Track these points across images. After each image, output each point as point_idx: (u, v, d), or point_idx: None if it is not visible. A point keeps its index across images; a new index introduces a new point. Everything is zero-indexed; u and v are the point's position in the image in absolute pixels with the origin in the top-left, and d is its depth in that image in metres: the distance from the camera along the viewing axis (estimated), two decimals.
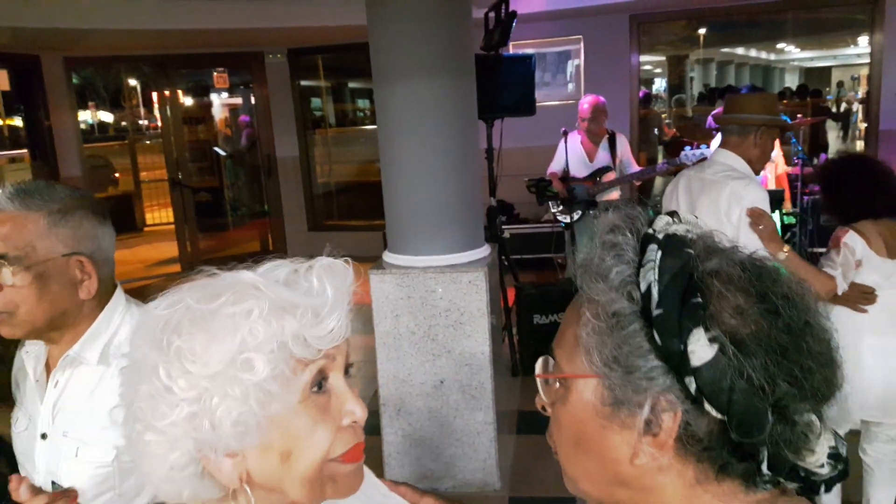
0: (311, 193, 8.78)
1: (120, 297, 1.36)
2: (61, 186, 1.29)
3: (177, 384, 0.70)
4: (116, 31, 6.24)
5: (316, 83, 9.58)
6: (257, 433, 0.72)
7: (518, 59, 4.44)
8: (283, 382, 0.72)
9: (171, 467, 0.72)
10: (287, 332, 0.72)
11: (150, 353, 0.72)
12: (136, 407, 0.73)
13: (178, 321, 0.72)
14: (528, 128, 5.54)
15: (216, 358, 0.70)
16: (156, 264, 8.87)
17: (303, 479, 0.75)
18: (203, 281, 0.77)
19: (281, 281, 0.76)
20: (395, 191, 3.19)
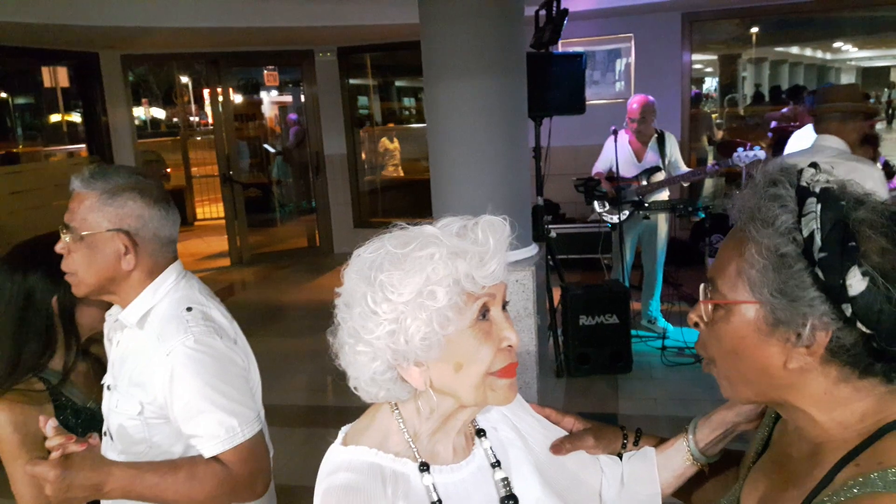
0: (358, 190, 8.86)
1: (170, 274, 1.49)
2: (125, 171, 1.45)
3: (380, 308, 0.92)
4: (172, 30, 6.39)
5: (364, 81, 9.66)
6: (438, 348, 0.93)
7: (568, 57, 4.41)
8: (457, 310, 0.92)
9: (374, 372, 0.95)
10: (460, 271, 0.91)
11: (360, 284, 0.94)
12: (349, 325, 0.95)
13: (381, 261, 0.93)
14: (575, 127, 5.50)
15: (409, 289, 0.91)
16: (206, 258, 9.05)
17: (470, 386, 0.96)
18: (398, 231, 0.98)
19: (454, 232, 0.95)
20: (443, 187, 3.19)
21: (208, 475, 1.34)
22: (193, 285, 1.51)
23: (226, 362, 1.39)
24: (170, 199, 1.49)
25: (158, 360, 1.37)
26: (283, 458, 4.03)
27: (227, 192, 8.43)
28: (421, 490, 0.97)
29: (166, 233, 1.46)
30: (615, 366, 4.55)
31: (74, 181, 1.42)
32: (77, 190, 1.42)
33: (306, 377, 5.24)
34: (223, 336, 1.41)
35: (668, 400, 4.28)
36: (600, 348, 4.51)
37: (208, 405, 1.35)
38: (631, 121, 5.13)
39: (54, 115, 11.23)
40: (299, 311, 6.66)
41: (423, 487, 0.98)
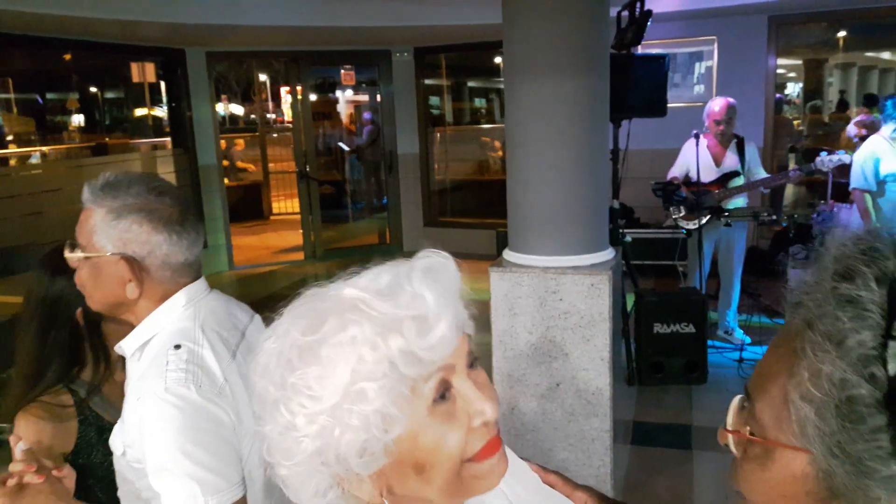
0: (429, 190, 8.92)
1: (179, 300, 1.33)
2: (138, 187, 1.28)
3: (297, 420, 0.69)
4: (255, 28, 6.56)
5: (438, 82, 9.71)
6: (386, 456, 0.70)
7: (651, 59, 4.32)
8: (403, 404, 0.69)
9: (315, 493, 0.72)
10: (394, 350, 0.68)
11: (269, 388, 0.71)
12: (268, 444, 0.72)
13: (289, 356, 0.70)
14: (653, 130, 5.38)
15: (330, 391, 0.68)
16: (281, 251, 9.26)
17: (441, 487, 0.73)
18: (310, 301, 0.75)
19: (384, 290, 0.72)
20: (519, 188, 3.16)
21: None
22: (201, 313, 1.33)
23: (198, 418, 1.19)
24: (185, 220, 1.31)
25: (131, 405, 1.23)
26: None
27: (302, 188, 8.61)
28: None
29: (179, 258, 1.30)
30: (690, 376, 4.43)
31: (85, 191, 1.29)
32: (85, 204, 1.29)
33: None
34: (201, 385, 1.21)
35: None
36: (675, 357, 4.40)
37: (171, 465, 1.17)
38: (716, 123, 4.99)
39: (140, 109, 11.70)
40: None
41: None
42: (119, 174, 1.31)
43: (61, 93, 11.23)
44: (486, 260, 3.33)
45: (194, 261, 1.34)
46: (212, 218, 8.10)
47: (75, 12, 5.29)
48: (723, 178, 4.99)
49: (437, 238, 8.56)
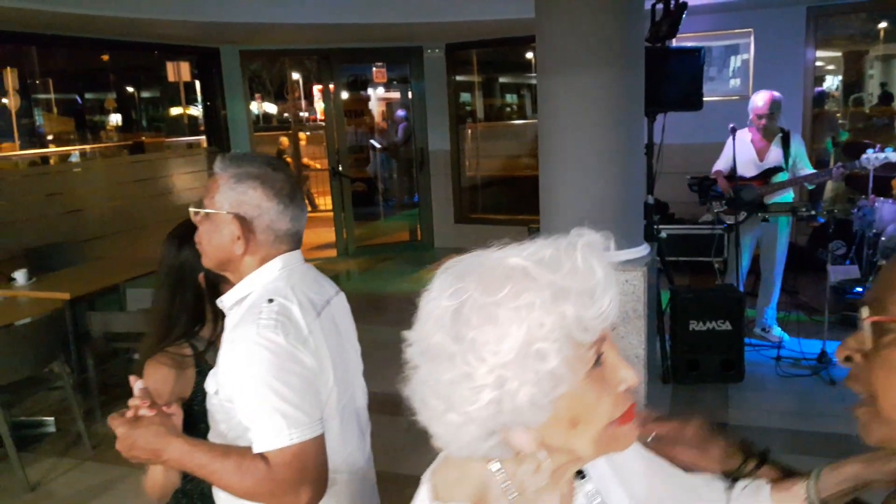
0: (460, 186, 8.91)
1: (276, 263, 1.48)
2: (259, 161, 1.49)
3: (477, 372, 0.76)
4: (288, 26, 6.62)
5: (469, 78, 9.70)
6: (550, 410, 0.78)
7: (686, 52, 4.26)
8: (570, 365, 0.77)
9: (472, 438, 0.80)
10: (568, 318, 0.75)
11: (445, 340, 0.78)
12: (433, 386, 0.80)
13: (468, 314, 0.77)
14: (688, 124, 5.31)
15: (508, 347, 0.75)
16: (314, 248, 9.33)
17: (590, 441, 0.82)
18: (475, 265, 0.81)
19: (546, 262, 0.78)
20: (552, 182, 3.15)
21: (250, 470, 1.31)
22: (293, 277, 1.48)
23: (285, 359, 1.33)
24: (295, 195, 1.50)
25: (227, 347, 1.39)
26: (384, 445, 4.11)
27: (335, 185, 8.67)
28: None
29: (282, 226, 1.47)
30: (726, 374, 4.36)
31: (216, 163, 1.49)
32: (215, 171, 1.49)
33: None
34: (289, 333, 1.35)
35: (781, 413, 4.07)
36: (711, 355, 4.33)
37: (260, 400, 1.31)
38: (758, 117, 4.88)
39: (176, 108, 11.88)
40: (401, 303, 6.66)
41: None
42: (242, 152, 1.54)
43: (99, 93, 11.46)
44: None
45: (294, 233, 1.50)
46: None
47: (112, 12, 5.38)
48: (766, 172, 4.90)
49: (467, 234, 8.68)
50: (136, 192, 7.00)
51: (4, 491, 3.72)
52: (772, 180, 4.88)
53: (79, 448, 4.10)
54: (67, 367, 4.35)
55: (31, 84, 9.89)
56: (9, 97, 9.17)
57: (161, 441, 1.35)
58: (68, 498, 3.63)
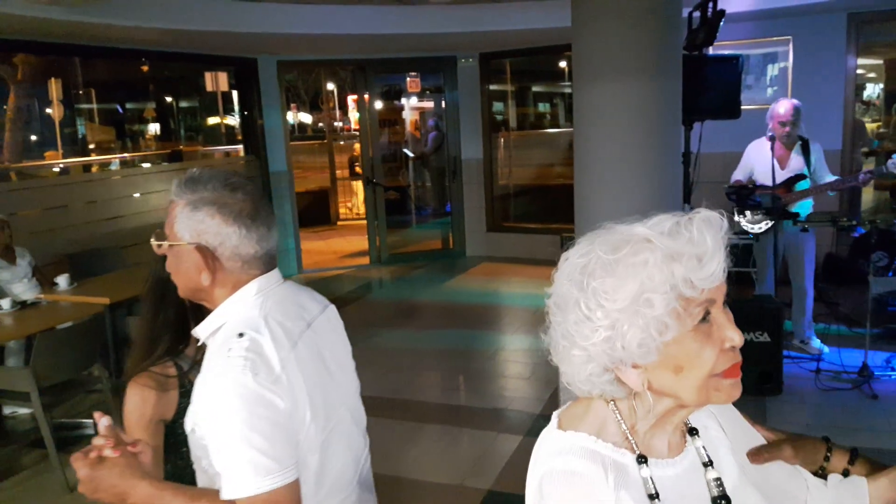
0: (492, 195, 8.91)
1: (250, 290, 1.39)
2: (215, 182, 1.37)
3: (595, 315, 0.91)
4: (324, 36, 6.69)
5: (502, 87, 9.71)
6: (656, 353, 0.91)
7: (724, 60, 4.22)
8: (676, 316, 0.89)
9: (590, 374, 0.95)
10: (677, 276, 0.88)
11: (572, 289, 0.93)
12: (563, 328, 0.95)
13: (592, 267, 0.92)
14: (725, 132, 5.25)
15: (623, 296, 0.89)
16: (347, 255, 9.40)
17: (692, 388, 0.93)
18: (607, 233, 0.95)
19: (666, 232, 0.91)
20: (588, 191, 3.13)
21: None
22: (268, 304, 1.39)
23: (255, 404, 1.24)
24: (257, 215, 1.38)
25: (199, 385, 1.31)
26: (414, 452, 4.13)
27: (368, 193, 8.73)
28: (638, 481, 0.96)
29: (249, 250, 1.37)
30: (764, 387, 4.28)
31: (173, 186, 1.39)
32: (171, 196, 1.39)
33: (439, 375, 5.31)
34: (258, 373, 1.26)
35: (821, 427, 3.97)
36: (748, 367, 4.18)
37: (228, 447, 1.24)
38: (781, 125, 4.82)
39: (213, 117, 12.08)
40: (433, 311, 6.77)
41: (641, 479, 0.96)
42: (202, 169, 1.40)
43: (139, 103, 11.70)
44: (550, 265, 3.29)
45: (264, 254, 1.40)
46: (282, 223, 8.28)
47: (154, 24, 5.50)
48: (788, 181, 4.83)
49: (500, 243, 8.64)
50: None
51: (45, 490, 3.80)
52: (795, 188, 4.82)
53: None
54: (106, 371, 4.43)
55: (74, 94, 10.13)
56: (53, 107, 9.41)
57: (126, 483, 1.27)
58: None
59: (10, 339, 4.40)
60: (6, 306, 4.42)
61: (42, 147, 9.96)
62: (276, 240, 1.44)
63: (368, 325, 6.26)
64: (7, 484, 3.88)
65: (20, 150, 9.56)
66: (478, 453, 3.91)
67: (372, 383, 5.04)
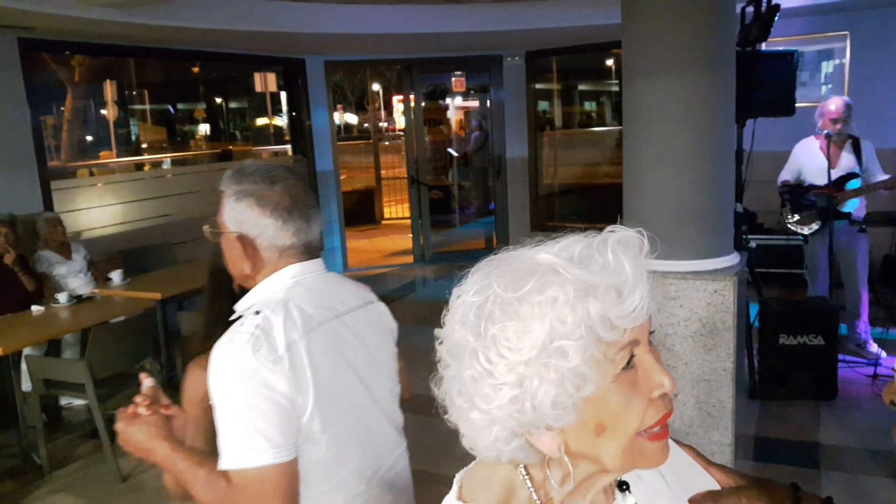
0: (537, 194, 8.86)
1: (285, 274, 1.44)
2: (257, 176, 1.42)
3: (497, 369, 0.74)
4: (371, 35, 6.73)
5: (548, 86, 9.64)
6: (574, 412, 0.74)
7: (778, 56, 4.11)
8: (595, 365, 0.73)
9: (496, 439, 0.77)
10: (593, 315, 0.72)
11: (467, 336, 0.76)
12: (459, 384, 0.78)
13: (490, 309, 0.75)
14: (778, 131, 5.12)
15: (529, 344, 0.72)
16: (391, 254, 9.46)
17: (616, 451, 0.77)
18: (504, 262, 0.79)
19: (575, 258, 0.75)
20: (638, 188, 3.08)
21: (214, 485, 1.28)
22: (296, 289, 1.43)
23: (251, 379, 1.27)
24: (294, 208, 1.43)
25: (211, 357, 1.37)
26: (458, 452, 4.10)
27: (413, 193, 8.76)
28: None
29: (285, 242, 1.43)
30: (818, 391, 4.16)
31: (222, 179, 1.46)
32: (220, 188, 1.46)
33: None
34: (259, 350, 1.29)
35: (878, 433, 3.84)
36: (801, 371, 4.14)
37: (224, 417, 1.28)
38: (832, 122, 4.70)
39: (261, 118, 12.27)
40: None
41: None
42: (250, 162, 1.47)
43: (190, 103, 11.95)
44: None
45: (302, 245, 1.45)
46: (328, 222, 8.37)
47: (205, 24, 5.60)
48: (839, 180, 4.69)
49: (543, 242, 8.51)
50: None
51: (98, 480, 3.90)
52: (846, 187, 4.68)
53: None
54: (157, 364, 4.53)
55: (128, 95, 10.39)
56: (108, 108, 9.66)
57: (150, 442, 1.35)
58: (156, 491, 3.77)
59: (66, 332, 4.53)
60: (63, 300, 4.56)
61: (97, 147, 10.23)
62: (317, 232, 1.47)
63: (412, 324, 6.25)
64: (63, 472, 3.99)
65: (76, 149, 9.85)
66: None
67: (414, 382, 5.04)
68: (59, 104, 9.17)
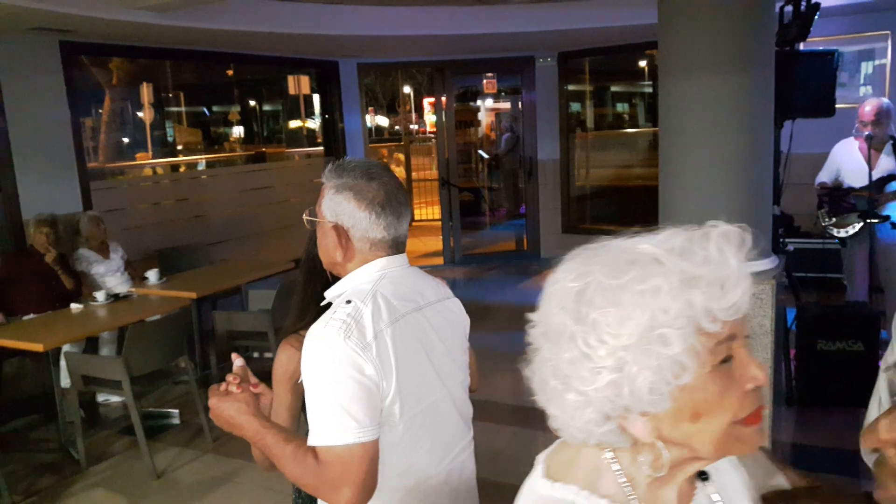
0: (569, 196, 8.81)
1: (371, 267, 1.52)
2: (357, 171, 1.51)
3: (596, 353, 0.76)
4: (405, 37, 6.76)
5: (580, 87, 9.59)
6: (670, 399, 0.76)
7: (818, 56, 4.03)
8: (694, 355, 0.74)
9: (588, 421, 0.79)
10: (696, 306, 0.74)
11: (566, 320, 0.78)
12: (554, 365, 0.80)
13: (591, 294, 0.77)
14: (815, 132, 5.03)
15: (629, 331, 0.74)
16: (422, 256, 9.47)
17: (711, 439, 0.79)
18: (604, 251, 0.81)
19: (677, 250, 0.77)
20: (674, 190, 3.04)
21: (301, 461, 1.36)
22: (383, 281, 1.50)
23: (342, 362, 1.35)
24: (387, 204, 1.50)
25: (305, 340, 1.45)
26: (490, 453, 4.10)
27: (444, 195, 8.77)
28: None
29: (376, 235, 1.50)
30: (858, 398, 4.06)
31: (325, 171, 1.55)
32: (322, 179, 1.55)
33: (512, 377, 5.26)
34: (350, 336, 1.37)
35: None
36: (840, 377, 4.05)
37: (314, 396, 1.36)
38: (864, 124, 4.62)
39: (294, 120, 12.38)
40: (506, 312, 6.72)
41: None
42: (351, 158, 1.56)
43: (224, 106, 12.11)
44: None
45: (391, 239, 1.53)
46: None
47: (240, 26, 5.67)
48: (878, 182, 4.60)
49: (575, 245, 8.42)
50: (257, 199, 7.34)
51: (133, 476, 3.96)
52: (885, 189, 4.58)
53: (201, 440, 4.32)
54: (192, 363, 4.60)
55: (164, 97, 10.56)
56: (144, 110, 9.83)
57: (241, 418, 1.44)
58: (190, 487, 3.82)
59: (103, 329, 4.62)
60: (101, 298, 4.64)
61: (133, 148, 10.41)
62: (405, 228, 1.56)
63: None
64: (99, 468, 4.07)
65: (114, 151, 10.04)
66: None
67: None
68: (97, 106, 9.36)
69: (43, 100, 5.42)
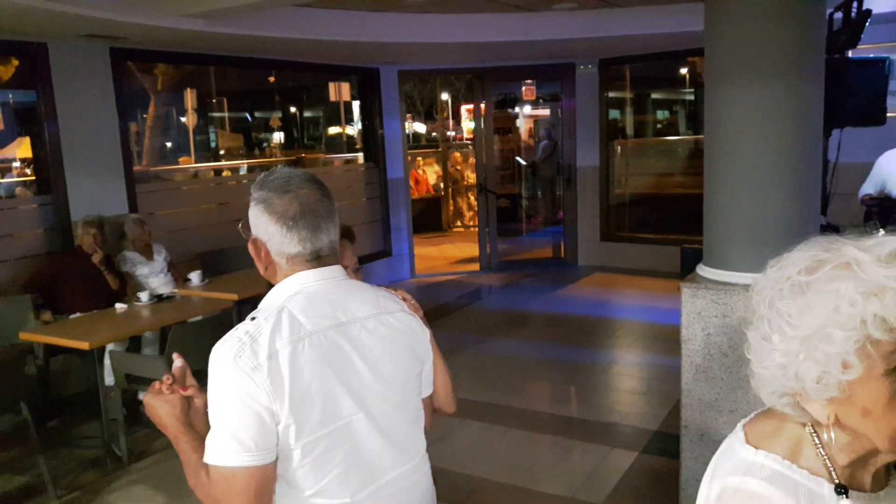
0: (608, 204, 8.74)
1: (290, 282, 1.47)
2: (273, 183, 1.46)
3: (773, 338, 0.87)
4: (445, 44, 6.79)
5: (621, 94, 9.52)
6: (838, 391, 0.83)
7: (868, 63, 3.94)
8: (865, 357, 0.80)
9: (770, 392, 0.90)
10: (870, 313, 0.79)
11: (761, 305, 0.90)
12: (752, 342, 0.91)
13: (782, 285, 0.87)
14: (864, 142, 4.91)
15: (806, 324, 0.83)
16: (458, 262, 9.48)
17: (882, 435, 0.84)
18: (816, 247, 0.88)
19: (883, 258, 0.82)
20: (721, 199, 2.99)
21: (197, 472, 1.36)
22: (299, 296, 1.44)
23: (230, 381, 1.31)
24: (301, 217, 1.44)
25: None
26: (524, 461, 4.08)
27: (481, 201, 8.77)
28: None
29: (291, 249, 1.45)
30: None
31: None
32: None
33: (549, 385, 5.24)
34: (241, 356, 1.31)
35: None
36: None
37: (210, 411, 1.35)
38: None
39: (334, 127, 12.50)
40: (544, 320, 6.69)
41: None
42: (279, 169, 1.52)
43: (266, 112, 12.29)
44: (668, 278, 3.18)
45: (309, 253, 1.47)
46: (397, 228, 8.46)
47: (283, 34, 5.76)
48: None
49: (614, 253, 8.38)
50: None
51: (173, 473, 4.02)
52: None
53: None
54: None
55: (207, 103, 10.75)
56: (188, 115, 10.03)
57: (166, 419, 1.45)
58: None
59: (146, 329, 4.71)
60: (144, 299, 4.73)
61: (176, 153, 10.63)
62: (325, 241, 1.47)
63: (477, 332, 6.28)
64: (141, 464, 4.14)
65: (158, 155, 10.25)
66: (590, 467, 3.82)
67: (480, 389, 5.04)
68: (142, 111, 9.56)
69: (93, 105, 5.56)
